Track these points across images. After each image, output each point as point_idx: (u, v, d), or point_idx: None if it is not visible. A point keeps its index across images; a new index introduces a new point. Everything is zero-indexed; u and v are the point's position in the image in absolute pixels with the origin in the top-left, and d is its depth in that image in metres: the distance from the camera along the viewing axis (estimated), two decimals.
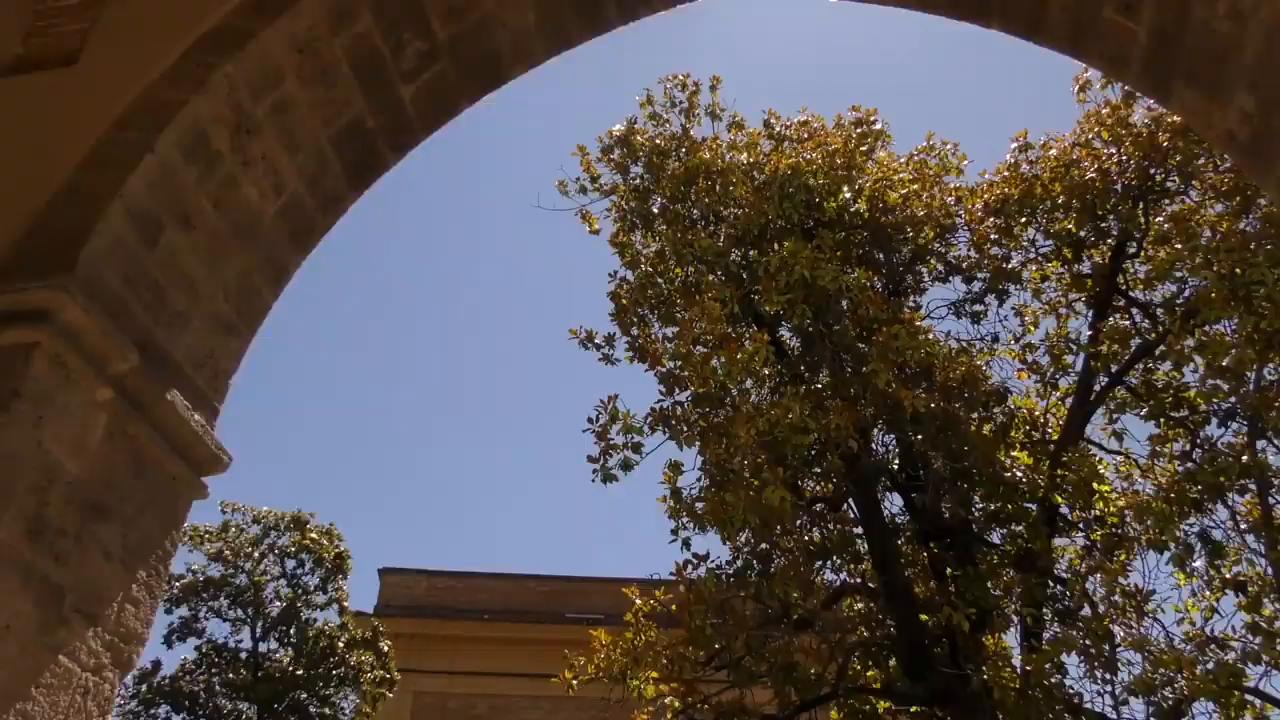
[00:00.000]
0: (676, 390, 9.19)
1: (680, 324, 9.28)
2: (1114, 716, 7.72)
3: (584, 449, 9.03)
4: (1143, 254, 9.42)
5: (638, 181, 10.53)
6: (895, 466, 9.50)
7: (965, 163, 10.47)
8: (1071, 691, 8.04)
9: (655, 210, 10.35)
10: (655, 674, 9.26)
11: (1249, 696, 6.60)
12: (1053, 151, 9.66)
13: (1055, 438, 9.34)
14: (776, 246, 9.14)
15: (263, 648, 20.37)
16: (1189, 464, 7.83)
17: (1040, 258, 10.13)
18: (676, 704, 9.31)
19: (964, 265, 10.38)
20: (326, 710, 19.85)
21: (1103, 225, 9.48)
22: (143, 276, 3.57)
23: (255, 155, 3.93)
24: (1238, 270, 7.16)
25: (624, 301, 10.11)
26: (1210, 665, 6.57)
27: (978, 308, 10.35)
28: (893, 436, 9.43)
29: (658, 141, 10.41)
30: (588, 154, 10.75)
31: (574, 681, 9.76)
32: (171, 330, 3.73)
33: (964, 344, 9.92)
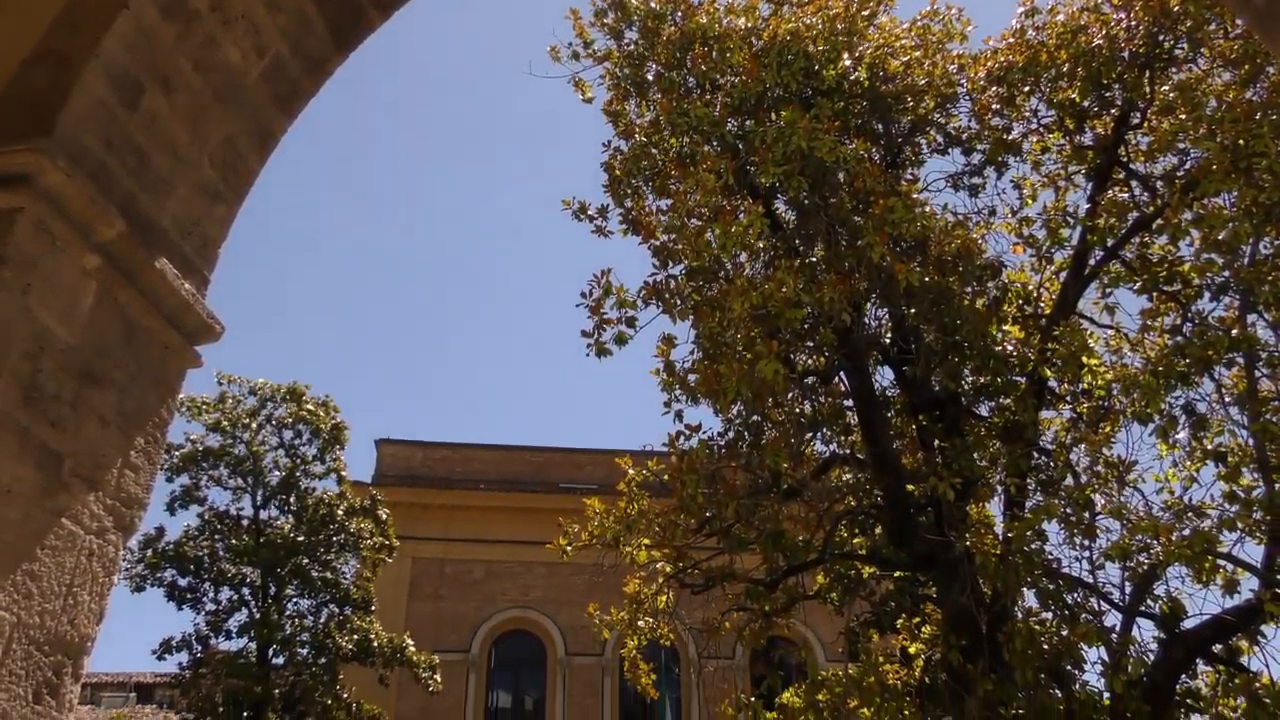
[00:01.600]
0: (670, 264, 9.15)
1: (674, 196, 9.17)
2: (1090, 580, 7.99)
3: (578, 323, 9.04)
4: (1146, 125, 9.25)
5: (632, 48, 10.22)
6: (887, 340, 9.55)
7: (970, 29, 10.15)
8: (1050, 557, 8.30)
9: (650, 78, 10.08)
10: (647, 540, 9.52)
11: (1221, 562, 6.81)
12: (1060, 17, 9.37)
13: (1047, 312, 9.36)
14: (773, 116, 8.94)
15: (263, 515, 20.86)
16: (1178, 338, 7.88)
17: (1042, 129, 9.95)
18: (668, 569, 9.60)
19: (964, 136, 10.20)
20: (328, 575, 20.45)
21: (1107, 95, 9.27)
22: (124, 140, 3.48)
23: (235, 13, 3.79)
24: (1241, 141, 7.05)
25: (617, 173, 9.95)
26: (1186, 532, 6.76)
27: (976, 180, 10.23)
28: (886, 310, 9.45)
29: (653, 4, 10.06)
30: (580, 18, 10.40)
31: (568, 547, 10.04)
32: (156, 196, 3.67)
33: (960, 217, 9.84)
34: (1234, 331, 7.44)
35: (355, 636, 20.16)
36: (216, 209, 4.00)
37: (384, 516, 22.05)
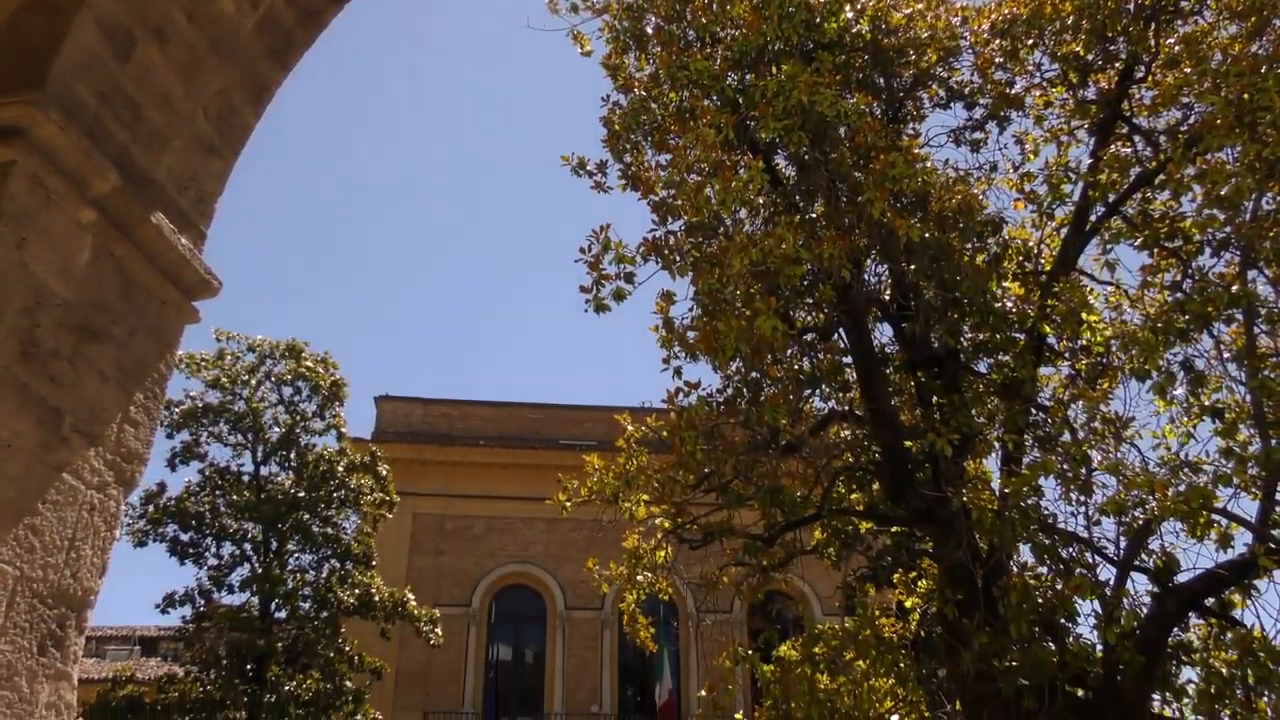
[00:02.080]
0: (669, 219, 9.10)
1: (674, 150, 9.09)
2: (1085, 535, 8.05)
3: (578, 279, 9.02)
4: (1150, 79, 9.15)
5: (631, 0, 10.09)
6: (887, 296, 9.53)
7: None
8: (1046, 512, 8.35)
9: (649, 31, 9.95)
10: (646, 496, 9.57)
11: (1216, 516, 6.85)
12: None
13: (1048, 268, 9.33)
14: (774, 70, 8.84)
15: (264, 471, 20.97)
16: (1178, 294, 7.86)
17: (1045, 83, 9.85)
18: (666, 524, 9.67)
19: (966, 91, 10.09)
20: (329, 530, 20.61)
21: (1111, 48, 9.16)
22: (118, 93, 3.45)
23: None
24: (1245, 96, 6.98)
25: (616, 127, 9.86)
26: (1182, 488, 6.80)
27: (978, 135, 10.15)
28: (885, 266, 9.41)
29: None
30: None
31: (567, 503, 10.10)
32: (151, 150, 3.64)
33: (962, 173, 9.77)
34: (1234, 288, 7.42)
35: (356, 591, 20.36)
36: (212, 163, 3.97)
37: (384, 472, 22.15)
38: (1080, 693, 7.78)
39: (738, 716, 10.23)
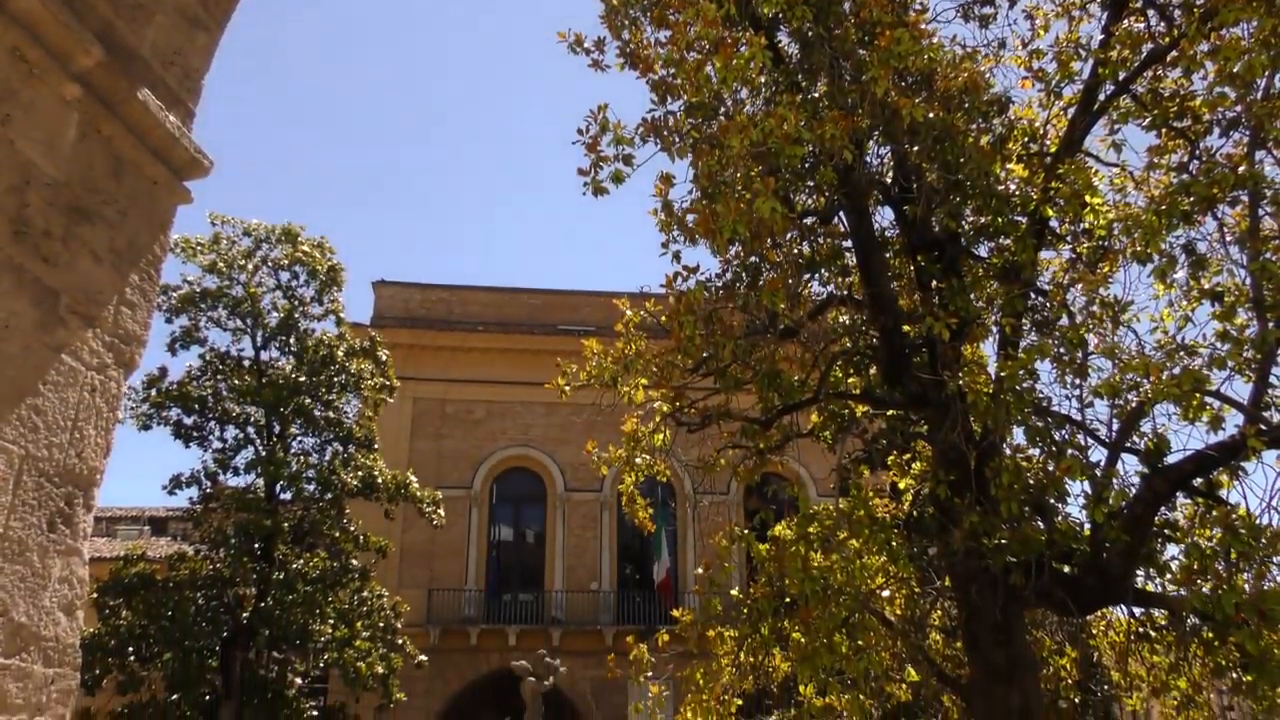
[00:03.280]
0: (669, 99, 8.88)
1: (673, 27, 8.81)
2: (1079, 418, 8.15)
3: (575, 162, 8.88)
4: None
5: None
6: (889, 179, 9.40)
7: None
8: (1041, 396, 8.43)
9: None
10: (644, 380, 9.64)
11: (1209, 399, 6.91)
12: None
13: (1053, 150, 9.17)
14: None
15: (264, 356, 21.08)
16: (1184, 176, 7.74)
17: None
18: (665, 408, 9.76)
19: None
20: (330, 414, 20.83)
21: None
22: None
23: None
24: None
25: (614, 2, 9.54)
26: (1176, 371, 6.84)
27: (987, 10, 9.81)
28: (888, 148, 9.25)
29: None
30: None
31: (566, 387, 10.18)
32: (135, 24, 3.52)
33: (969, 50, 9.50)
34: (1241, 169, 7.31)
35: (359, 473, 20.71)
36: (197, 38, 3.85)
37: (384, 357, 22.26)
38: (1066, 569, 8.00)
39: (734, 592, 10.53)
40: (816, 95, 8.70)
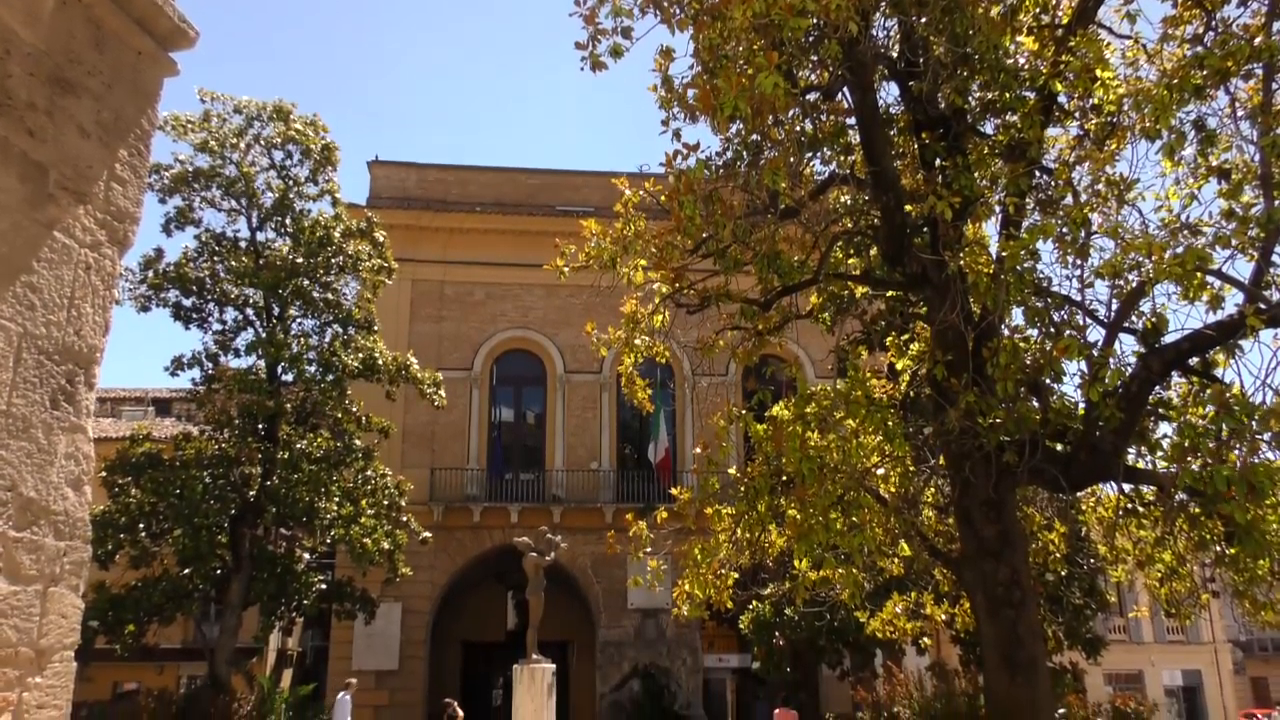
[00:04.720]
0: None
1: None
2: (1078, 298, 8.13)
3: (573, 36, 8.61)
4: None
5: None
6: (895, 53, 9.14)
7: None
8: (1041, 276, 8.39)
9: None
10: (644, 261, 9.57)
11: (1210, 279, 6.88)
12: None
13: (1065, 21, 8.88)
14: None
15: (261, 237, 20.92)
16: (1198, 48, 7.51)
17: None
18: (664, 289, 9.73)
19: None
20: (329, 296, 20.81)
21: None
22: None
23: None
24: None
25: None
26: (1179, 250, 6.78)
27: None
28: (895, 20, 8.96)
29: None
30: None
31: (565, 269, 10.11)
32: None
33: None
34: (1257, 40, 7.09)
35: (360, 355, 20.81)
36: None
37: (381, 239, 22.10)
38: (1059, 447, 8.11)
39: (731, 471, 10.72)
40: None
